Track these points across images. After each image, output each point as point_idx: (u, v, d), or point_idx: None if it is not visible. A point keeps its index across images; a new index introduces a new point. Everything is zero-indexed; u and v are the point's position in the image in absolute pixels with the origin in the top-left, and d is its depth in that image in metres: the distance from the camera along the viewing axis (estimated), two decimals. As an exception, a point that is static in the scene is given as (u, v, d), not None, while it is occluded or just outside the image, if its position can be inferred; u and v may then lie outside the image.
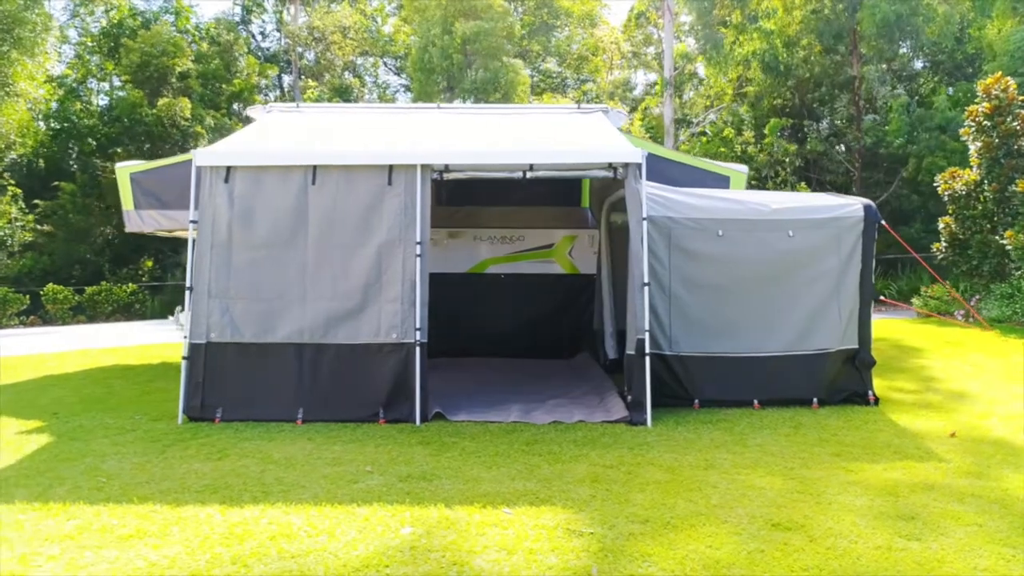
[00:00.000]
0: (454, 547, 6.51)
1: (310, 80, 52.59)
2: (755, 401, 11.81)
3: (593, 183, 16.71)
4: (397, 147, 11.92)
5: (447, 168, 11.54)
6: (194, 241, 11.38)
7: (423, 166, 11.42)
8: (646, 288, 11.11)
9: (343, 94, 50.55)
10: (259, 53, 52.91)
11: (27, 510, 7.37)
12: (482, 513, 7.30)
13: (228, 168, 11.47)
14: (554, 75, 60.11)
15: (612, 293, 15.57)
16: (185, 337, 11.27)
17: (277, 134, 12.93)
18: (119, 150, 38.29)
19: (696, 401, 11.83)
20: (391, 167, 11.44)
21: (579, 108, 15.44)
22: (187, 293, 11.27)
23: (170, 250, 38.48)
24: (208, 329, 11.22)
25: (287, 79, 55.20)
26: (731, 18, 37.82)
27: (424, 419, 11.08)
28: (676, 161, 14.90)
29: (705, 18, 38.61)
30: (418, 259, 11.23)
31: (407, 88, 60.43)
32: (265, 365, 11.24)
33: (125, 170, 15.44)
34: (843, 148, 37.07)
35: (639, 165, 11.34)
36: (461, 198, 17.23)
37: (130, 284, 34.33)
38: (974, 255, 23.06)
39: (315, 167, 11.45)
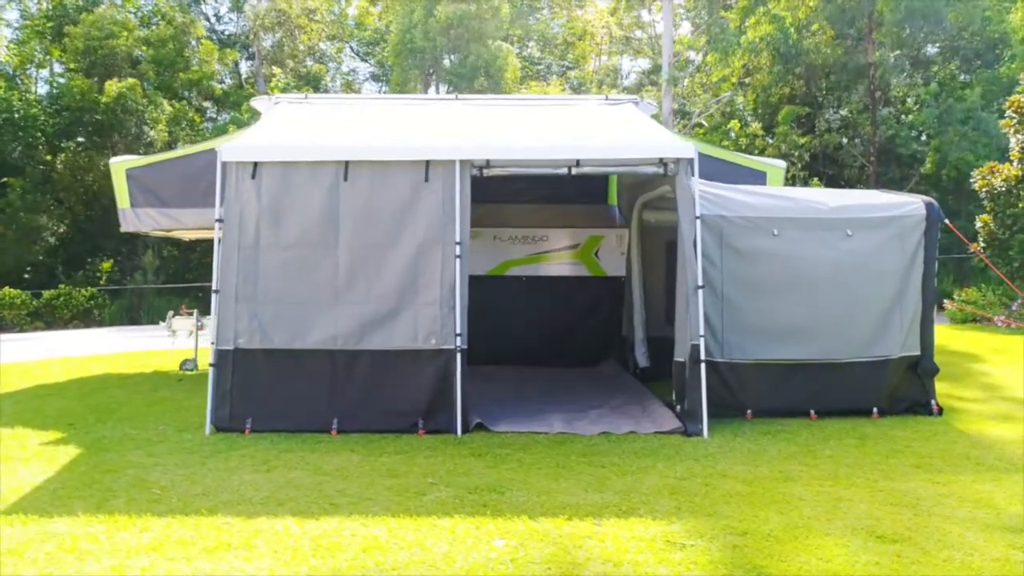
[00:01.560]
0: (556, 560, 6.84)
1: (275, 67, 52.68)
2: (812, 411, 12.16)
3: (623, 179, 16.92)
4: (434, 141, 12.22)
5: (488, 164, 11.87)
6: (219, 241, 11.59)
7: (462, 161, 11.72)
8: (700, 291, 11.41)
9: (312, 83, 50.73)
10: (213, 36, 52.85)
11: (93, 522, 7.65)
12: (570, 525, 7.64)
13: (255, 164, 11.71)
14: (537, 61, 60.33)
15: (643, 297, 15.91)
16: (212, 343, 11.52)
17: (301, 127, 13.20)
18: (69, 143, 38.34)
19: (749, 411, 12.17)
20: (428, 162, 11.72)
21: (607, 99, 15.79)
22: (214, 296, 11.52)
23: (129, 251, 38.58)
24: (236, 335, 11.47)
25: (244, 66, 55.19)
26: (735, 1, 38.24)
27: (465, 430, 11.38)
28: (707, 155, 15.20)
29: (709, 1, 38.98)
30: (458, 260, 11.50)
31: (375, 77, 60.62)
32: (296, 373, 11.51)
33: (120, 165, 15.66)
34: (856, 141, 37.41)
35: (691, 161, 11.70)
36: (479, 195, 17.30)
37: (89, 288, 34.40)
38: (1015, 256, 23.34)
39: (347, 162, 11.71)
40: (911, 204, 12.56)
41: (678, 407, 11.88)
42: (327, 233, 11.64)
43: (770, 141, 37.07)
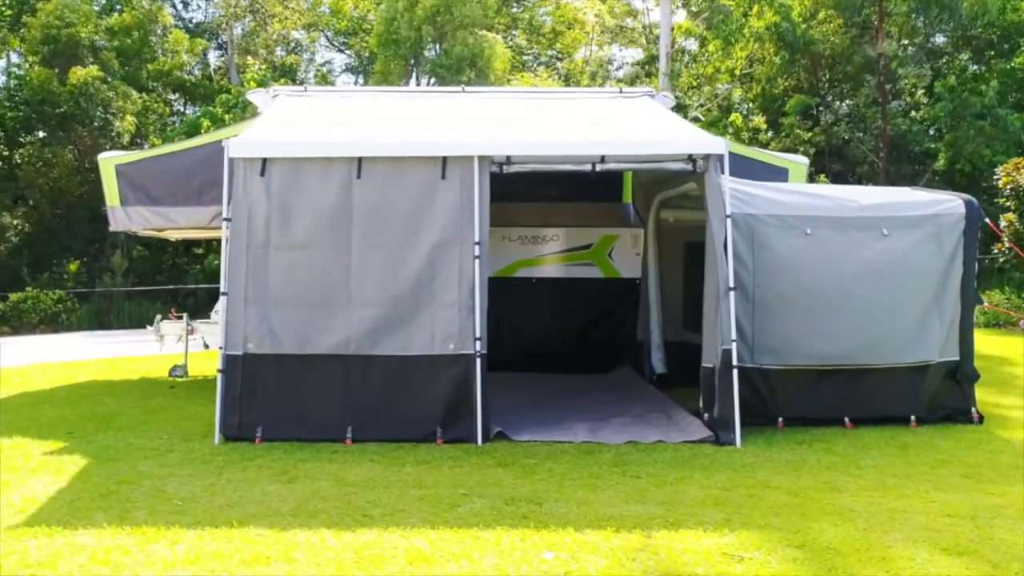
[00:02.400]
0: (611, 572, 6.95)
1: (248, 57, 52.62)
2: (846, 419, 12.28)
3: (639, 176, 16.91)
4: (451, 136, 12.31)
5: (508, 160, 11.95)
6: (227, 241, 11.67)
7: (481, 157, 11.79)
8: (732, 293, 11.51)
9: (289, 74, 50.74)
10: (180, 24, 52.63)
11: (120, 534, 7.72)
12: (619, 537, 7.75)
13: (264, 160, 11.77)
14: (524, 51, 60.34)
15: (660, 300, 16.00)
16: (220, 347, 11.58)
17: (310, 122, 13.28)
18: (30, 137, 38.28)
19: (780, 419, 12.26)
20: (445, 159, 11.80)
21: (621, 92, 15.91)
22: (222, 299, 11.61)
23: (96, 252, 38.55)
24: (245, 339, 11.54)
25: (213, 56, 55.00)
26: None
27: (486, 439, 11.48)
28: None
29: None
30: (476, 261, 11.60)
31: (352, 68, 60.55)
32: (308, 379, 11.59)
33: (109, 161, 15.67)
34: (866, 136, 37.50)
35: (721, 157, 11.81)
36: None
37: (57, 291, 34.36)
38: (1042, 255, 23.47)
39: (360, 159, 11.78)
40: (949, 202, 12.69)
41: (706, 415, 11.98)
42: (339, 232, 11.70)
43: (771, 135, 37.12)
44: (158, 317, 18.35)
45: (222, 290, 11.61)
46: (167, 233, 17.68)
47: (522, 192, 16.96)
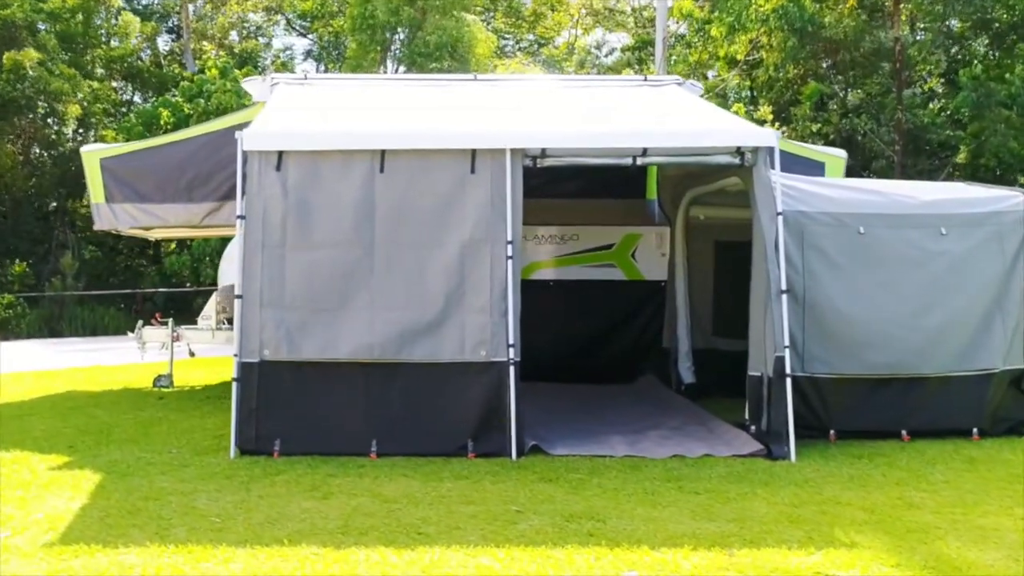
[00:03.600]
0: (702, 591, 7.11)
1: (205, 43, 52.52)
2: (903, 431, 12.41)
3: (666, 171, 16.88)
4: (481, 127, 12.39)
5: (543, 153, 12.04)
6: (241, 240, 11.70)
7: (513, 150, 11.88)
8: (784, 296, 11.64)
9: (251, 60, 50.69)
10: (127, 5, 52.33)
11: (166, 553, 7.82)
12: (698, 555, 7.89)
13: (280, 153, 11.81)
14: (502, 34, 60.32)
15: (688, 304, 16.10)
16: (236, 355, 11.62)
17: (321, 112, 13.35)
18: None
19: (832, 431, 12.37)
20: (474, 151, 11.87)
21: (646, 80, 16.00)
22: (236, 302, 11.64)
23: (44, 252, 38.44)
24: (261, 345, 11.58)
25: (162, 41, 54.82)
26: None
27: (520, 452, 11.57)
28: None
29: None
30: (509, 261, 11.69)
31: (311, 54, 60.47)
32: (328, 388, 11.67)
33: (94, 155, 15.65)
34: (882, 129, 37.47)
35: (771, 150, 11.93)
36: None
37: (6, 295, 34.24)
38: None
39: (383, 151, 11.84)
40: (1012, 199, 12.84)
41: (752, 427, 12.09)
42: (361, 231, 11.76)
43: (779, 127, 37.13)
44: (139, 323, 18.35)
45: (236, 293, 11.62)
46: (156, 233, 17.69)
47: (538, 187, 16.88)
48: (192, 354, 18.40)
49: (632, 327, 17.79)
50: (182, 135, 16.07)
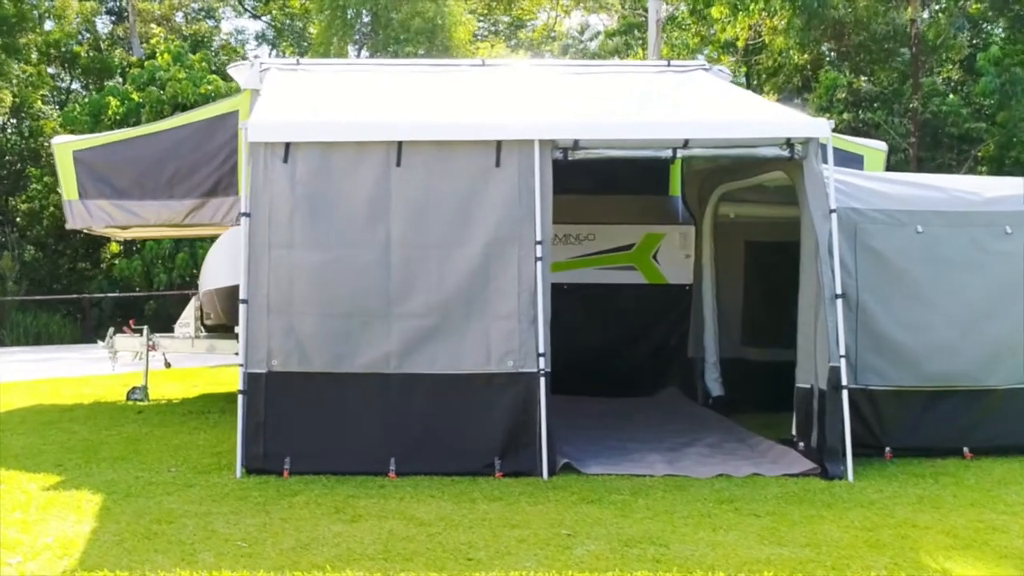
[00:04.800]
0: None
1: (152, 25, 52.35)
2: (965, 448, 12.40)
3: (692, 165, 16.85)
4: (506, 117, 12.36)
5: (576, 145, 11.97)
6: (246, 240, 11.59)
7: (543, 142, 11.78)
8: (839, 301, 11.59)
9: (204, 44, 50.52)
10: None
11: (202, 583, 7.84)
12: (780, 582, 7.93)
13: (287, 145, 11.72)
14: (478, 16, 60.31)
15: (716, 310, 16.08)
16: (241, 365, 11.56)
17: (327, 100, 13.29)
18: None
19: (888, 449, 12.36)
20: (500, 143, 11.77)
21: (670, 65, 15.96)
22: (241, 307, 11.57)
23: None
24: (269, 355, 11.52)
25: (101, 24, 54.53)
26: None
27: (552, 471, 11.51)
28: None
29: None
30: (538, 263, 11.62)
31: (264, 38, 60.36)
32: (342, 401, 11.61)
33: (66, 147, 15.52)
34: (896, 120, 37.46)
35: (823, 142, 11.93)
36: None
37: (-57, 301, 34.16)
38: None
39: (400, 143, 11.75)
40: (1082, 195, 12.85)
41: (801, 443, 12.08)
42: (376, 230, 11.68)
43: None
44: (111, 330, 18.25)
45: (241, 297, 11.54)
46: (133, 232, 17.59)
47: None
48: (168, 364, 18.32)
49: (654, 335, 17.67)
50: (162, 125, 15.96)
